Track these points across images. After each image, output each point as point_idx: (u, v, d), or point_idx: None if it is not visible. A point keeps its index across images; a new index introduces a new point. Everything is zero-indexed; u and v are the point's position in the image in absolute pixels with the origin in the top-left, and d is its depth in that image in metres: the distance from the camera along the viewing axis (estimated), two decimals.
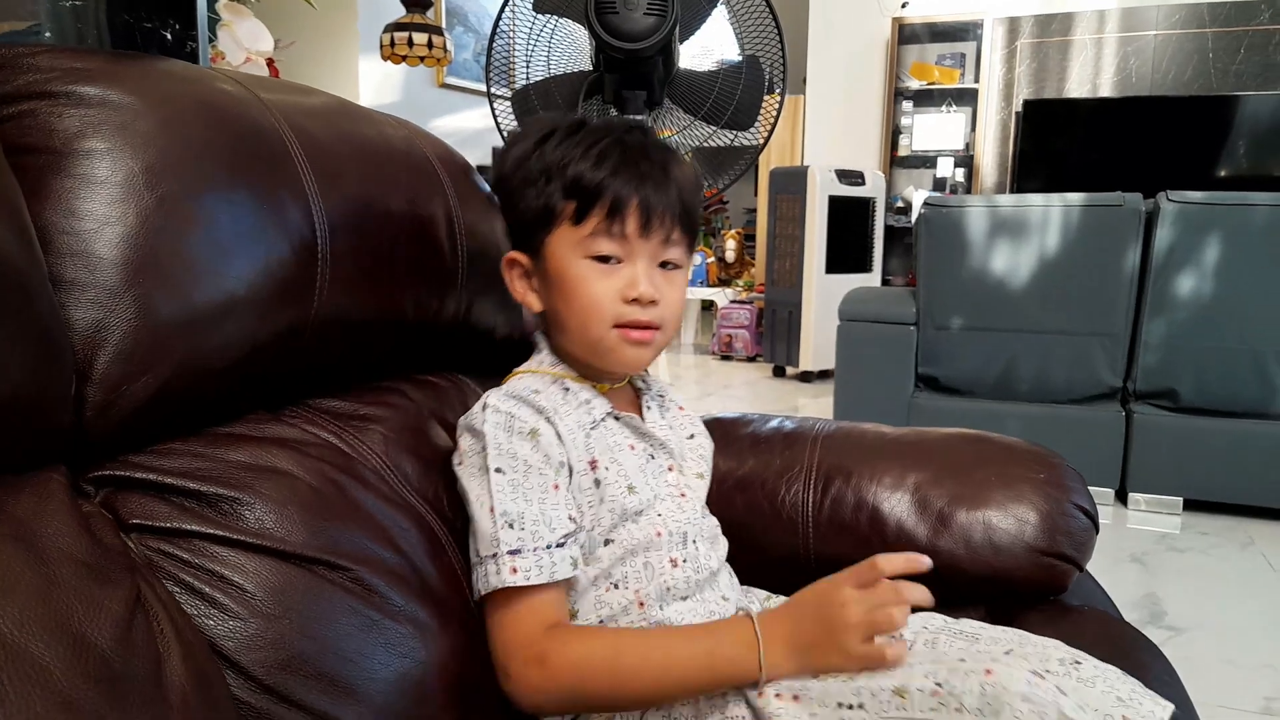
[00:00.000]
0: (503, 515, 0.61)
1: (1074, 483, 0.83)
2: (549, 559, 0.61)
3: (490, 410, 0.65)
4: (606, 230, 0.65)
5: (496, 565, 0.60)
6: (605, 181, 0.64)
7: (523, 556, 0.60)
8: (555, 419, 0.66)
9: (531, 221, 0.68)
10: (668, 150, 0.69)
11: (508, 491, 0.62)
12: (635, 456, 0.70)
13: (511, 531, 0.61)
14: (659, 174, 0.66)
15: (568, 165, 0.66)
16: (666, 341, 0.71)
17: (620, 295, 0.66)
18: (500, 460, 0.63)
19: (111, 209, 0.51)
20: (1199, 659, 1.53)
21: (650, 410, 0.76)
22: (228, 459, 0.55)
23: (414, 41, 3.33)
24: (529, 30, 2.05)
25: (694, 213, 0.70)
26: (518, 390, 0.67)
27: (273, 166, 0.61)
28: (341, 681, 0.52)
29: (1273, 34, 4.18)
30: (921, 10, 4.77)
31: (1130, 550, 2.05)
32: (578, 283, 0.66)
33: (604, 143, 0.66)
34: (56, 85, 0.52)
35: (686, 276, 0.72)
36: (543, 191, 0.67)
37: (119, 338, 0.50)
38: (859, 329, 2.60)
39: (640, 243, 0.66)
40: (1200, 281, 2.22)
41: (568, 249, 0.67)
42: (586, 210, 0.65)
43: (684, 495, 0.72)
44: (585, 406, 0.69)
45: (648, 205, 0.65)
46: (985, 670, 0.51)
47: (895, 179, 4.92)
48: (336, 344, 0.68)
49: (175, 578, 0.49)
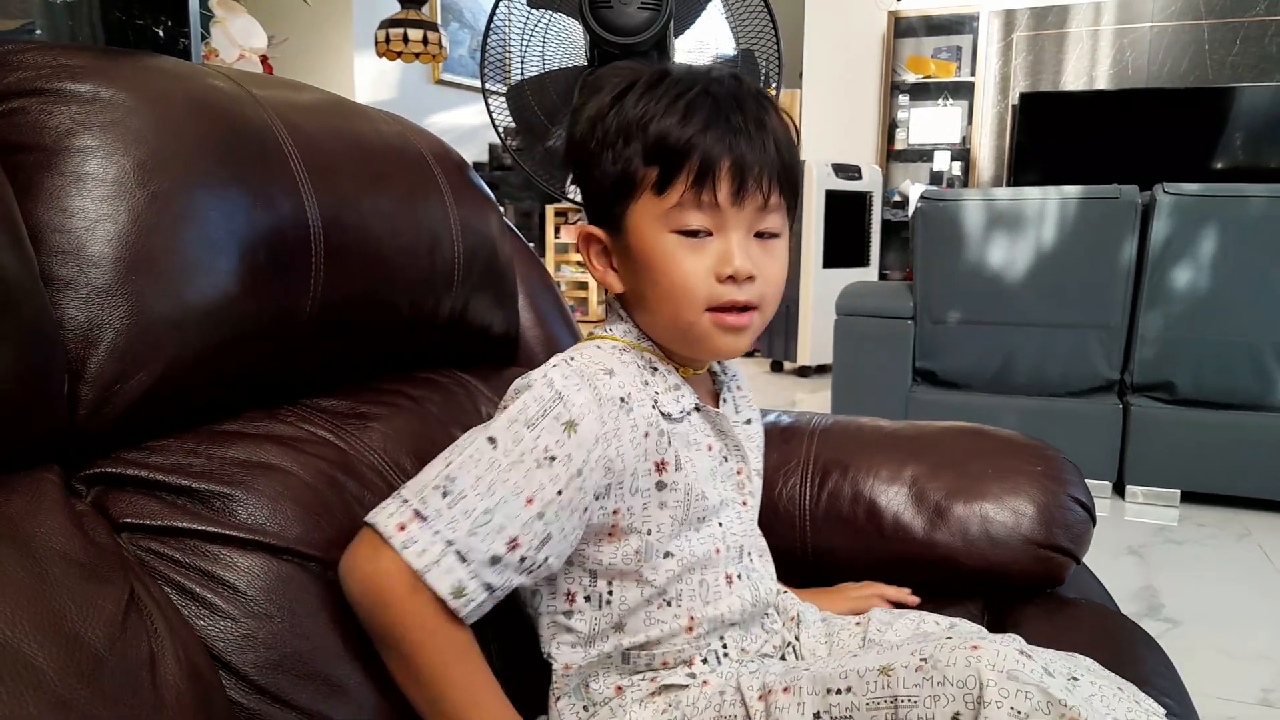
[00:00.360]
0: (448, 479, 0.53)
1: (1070, 475, 0.83)
2: (437, 554, 0.52)
3: (543, 382, 0.57)
4: (695, 200, 0.57)
5: (400, 510, 0.53)
6: (693, 140, 0.56)
7: (421, 528, 0.52)
8: (622, 416, 0.58)
9: (609, 191, 0.60)
10: (763, 98, 0.61)
11: (477, 466, 0.54)
12: (710, 458, 0.64)
13: (438, 498, 0.53)
14: (754, 127, 0.58)
15: (649, 123, 0.57)
16: (765, 323, 0.63)
17: (713, 273, 0.58)
18: (504, 433, 0.55)
19: (103, 207, 0.50)
20: (1196, 651, 1.53)
21: (726, 404, 0.70)
22: (221, 455, 0.55)
23: (409, 38, 3.32)
24: (523, 25, 2.05)
25: (795, 172, 0.61)
26: (590, 366, 0.59)
27: (266, 163, 0.61)
28: (334, 680, 0.52)
29: (1269, 25, 4.18)
30: (917, 3, 4.76)
31: (1128, 542, 2.05)
32: (664, 262, 0.58)
33: (690, 94, 0.58)
34: (47, 82, 0.52)
35: (786, 246, 0.63)
36: (620, 155, 0.59)
37: (112, 336, 0.49)
38: (856, 323, 2.60)
39: (733, 211, 0.58)
40: (1197, 274, 2.22)
41: (651, 222, 0.59)
42: (671, 177, 0.57)
43: (746, 504, 0.68)
44: (675, 393, 0.62)
45: (741, 166, 0.57)
46: (971, 645, 0.50)
47: (892, 173, 4.91)
48: (332, 341, 0.68)
49: (168, 577, 0.49)
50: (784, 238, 0.63)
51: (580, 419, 0.56)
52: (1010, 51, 4.59)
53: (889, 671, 0.51)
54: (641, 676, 0.63)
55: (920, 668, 0.50)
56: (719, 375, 0.71)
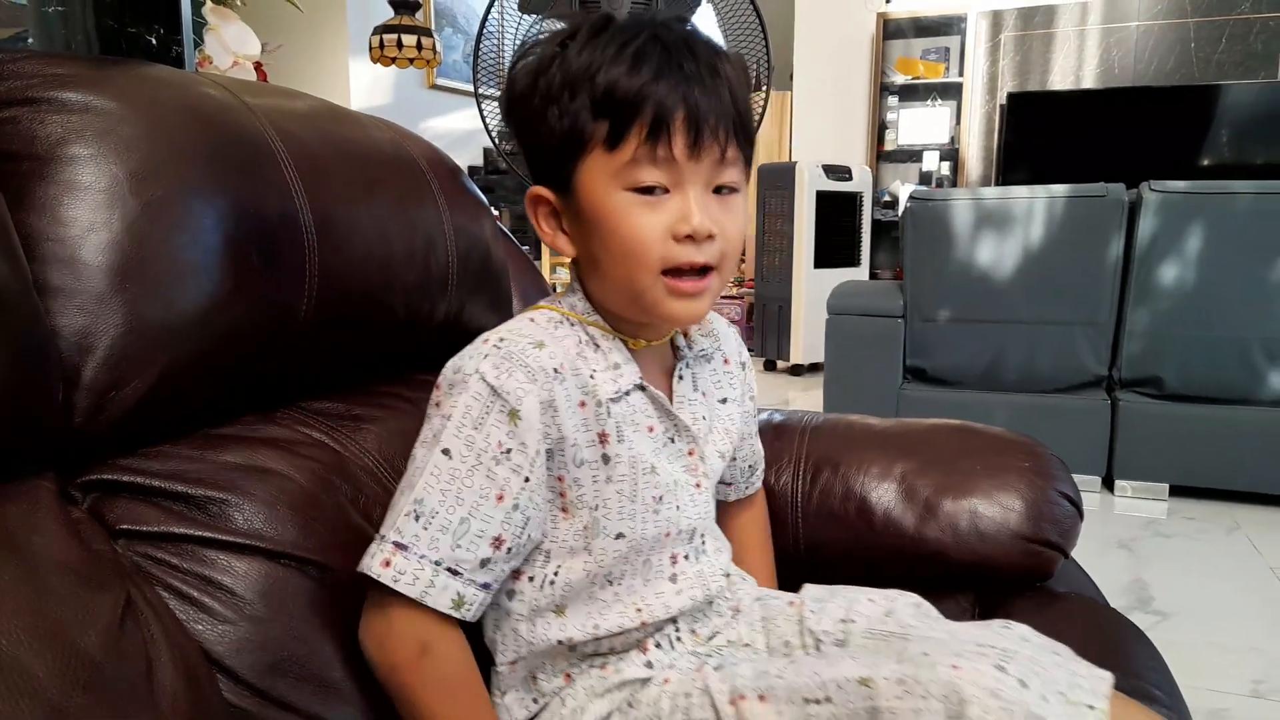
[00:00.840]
0: (416, 502, 0.53)
1: (1058, 471, 0.84)
2: (429, 577, 0.52)
3: (475, 379, 0.55)
4: (650, 154, 0.54)
5: (381, 549, 0.53)
6: (644, 90, 0.52)
7: (405, 556, 0.52)
8: (556, 385, 0.56)
9: (556, 149, 0.56)
10: (715, 46, 0.57)
11: (439, 481, 0.53)
12: (652, 440, 0.61)
13: (413, 524, 0.53)
14: (708, 74, 0.54)
15: (596, 74, 0.53)
16: (724, 285, 0.59)
17: (670, 232, 0.55)
18: (455, 441, 0.54)
19: (96, 215, 0.51)
20: (1187, 643, 1.54)
21: (682, 380, 0.66)
22: (217, 460, 0.56)
23: (403, 43, 3.33)
24: (515, 30, 2.05)
25: (749, 121, 0.58)
26: (519, 343, 0.56)
27: (258, 170, 0.61)
28: (331, 683, 0.52)
29: (1253, 23, 4.21)
30: (906, 5, 4.78)
31: (1117, 536, 2.07)
32: (617, 221, 0.55)
33: (638, 41, 0.54)
34: (38, 91, 0.52)
35: (744, 201, 0.59)
36: (567, 110, 0.54)
37: (106, 343, 0.50)
38: (848, 322, 2.61)
39: (690, 165, 0.54)
40: (1183, 270, 2.23)
41: (603, 180, 0.55)
42: (623, 131, 0.53)
43: (699, 485, 0.65)
44: (613, 372, 0.59)
45: (697, 116, 0.53)
46: (951, 665, 0.49)
47: (882, 173, 4.93)
48: (327, 346, 0.68)
49: (164, 582, 0.49)
50: (742, 192, 0.59)
51: (520, 403, 0.54)
52: (998, 52, 4.61)
53: (869, 683, 0.51)
54: (591, 664, 0.61)
55: (902, 681, 0.50)
56: (682, 349, 0.67)
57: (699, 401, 0.67)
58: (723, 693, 0.56)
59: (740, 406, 0.72)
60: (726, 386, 0.71)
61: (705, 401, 0.68)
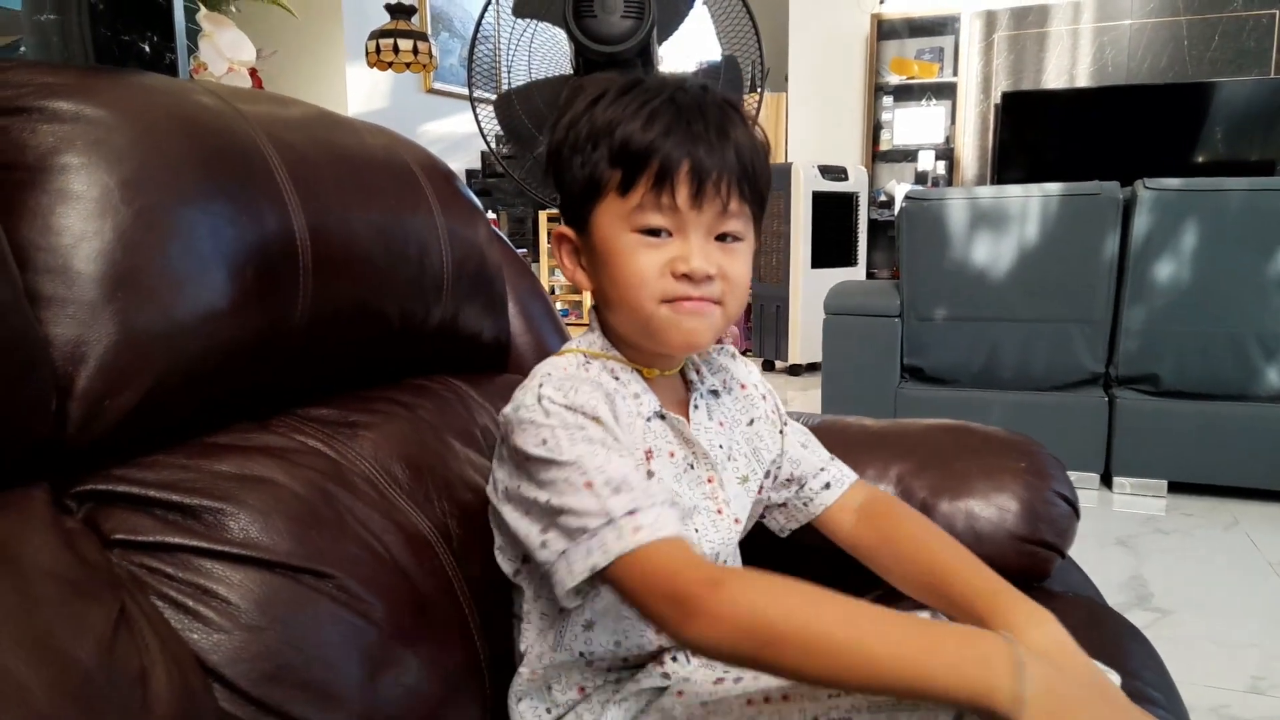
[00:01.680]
0: (606, 484, 0.54)
1: (1054, 470, 0.84)
2: (667, 514, 0.54)
3: (547, 401, 0.58)
4: (655, 201, 0.59)
5: (617, 531, 0.53)
6: (654, 144, 0.58)
7: (643, 513, 0.53)
8: (614, 399, 0.61)
9: (579, 193, 0.62)
10: (728, 108, 0.62)
11: (600, 462, 0.55)
12: (673, 465, 0.65)
13: (620, 496, 0.54)
14: (714, 134, 0.59)
15: (615, 128, 0.59)
16: (730, 320, 0.64)
17: (669, 269, 0.60)
18: (577, 444, 0.56)
19: (88, 224, 0.51)
20: (1186, 639, 1.54)
21: (698, 410, 0.69)
22: (212, 469, 0.55)
23: (399, 48, 3.33)
24: (509, 35, 2.06)
25: (758, 179, 0.62)
26: (571, 374, 0.62)
27: (251, 177, 0.61)
28: (328, 690, 0.52)
29: (1246, 20, 4.23)
30: (899, 6, 4.79)
31: (1116, 533, 2.07)
32: (625, 258, 0.60)
33: (656, 102, 0.60)
34: (29, 100, 0.52)
35: (750, 249, 0.64)
36: (589, 159, 0.61)
37: (99, 352, 0.50)
38: (844, 322, 2.61)
39: (692, 214, 0.59)
40: (1179, 267, 2.24)
41: (614, 222, 0.61)
42: (634, 179, 0.59)
43: (720, 511, 0.67)
44: (635, 401, 0.64)
45: (700, 170, 0.58)
46: None
47: (878, 173, 4.94)
48: (322, 353, 0.68)
49: (159, 592, 0.49)
50: (748, 242, 0.63)
51: (597, 410, 0.58)
52: (991, 51, 4.62)
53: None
54: (606, 677, 0.64)
55: None
56: (695, 383, 0.70)
57: (715, 430, 0.70)
58: (741, 697, 0.57)
59: (767, 427, 0.74)
60: (750, 408, 0.73)
61: (723, 431, 0.70)
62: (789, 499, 0.74)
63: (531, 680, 0.64)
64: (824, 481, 0.74)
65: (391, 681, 0.56)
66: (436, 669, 0.61)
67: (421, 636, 0.60)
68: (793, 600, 0.51)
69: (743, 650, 0.50)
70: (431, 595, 0.63)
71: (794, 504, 0.74)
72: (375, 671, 0.55)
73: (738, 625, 0.49)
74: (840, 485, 0.74)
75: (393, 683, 0.56)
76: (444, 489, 0.69)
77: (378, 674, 0.55)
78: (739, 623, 0.50)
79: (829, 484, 0.74)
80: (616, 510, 0.53)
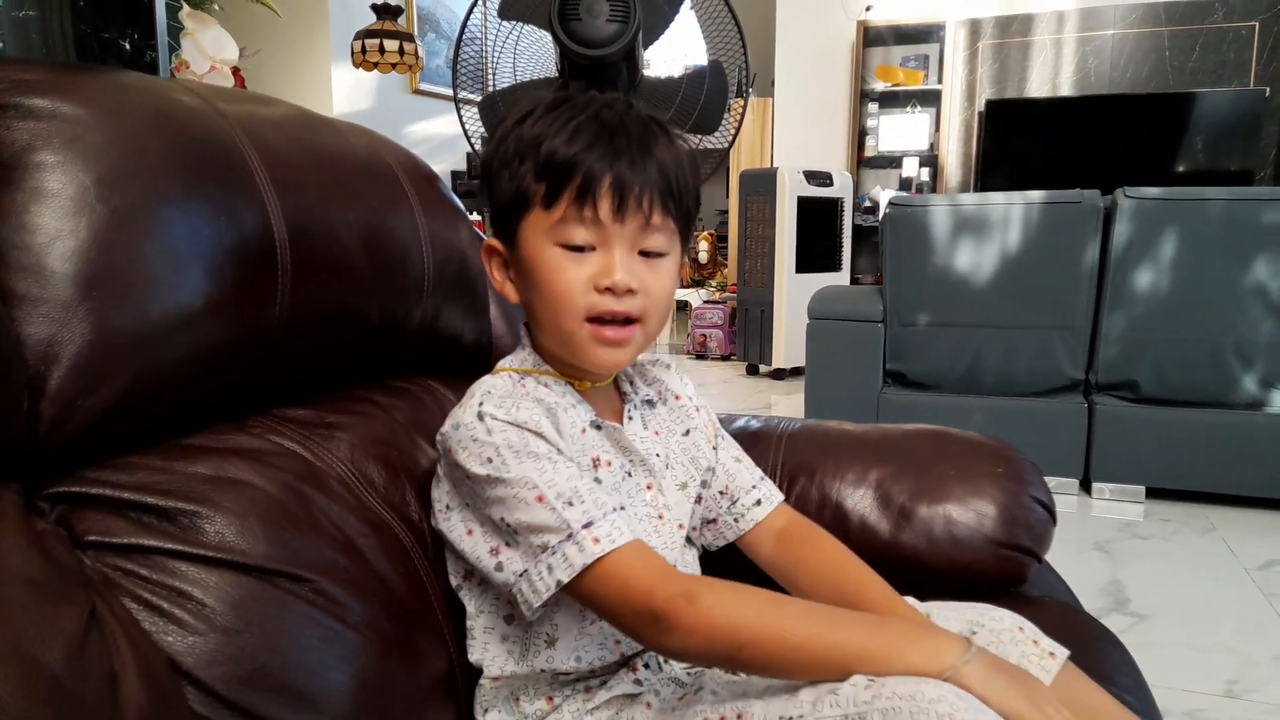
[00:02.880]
0: (558, 498, 0.56)
1: (1031, 476, 0.85)
2: (622, 520, 0.57)
3: (489, 418, 0.59)
4: (578, 215, 0.60)
5: (578, 544, 0.55)
6: (577, 158, 0.59)
7: (598, 525, 0.56)
8: (555, 413, 0.62)
9: (506, 206, 0.64)
10: (651, 125, 0.64)
11: (549, 476, 0.57)
12: (612, 474, 0.66)
13: (574, 509, 0.56)
14: (636, 150, 0.61)
15: (541, 143, 0.61)
16: (650, 337, 0.65)
17: (592, 284, 0.61)
18: (523, 460, 0.58)
19: (63, 223, 0.50)
20: (1162, 644, 1.56)
21: (632, 420, 0.71)
22: (187, 471, 0.55)
23: (385, 48, 3.32)
24: (495, 37, 2.05)
25: (682, 194, 0.63)
26: (509, 391, 0.63)
27: (229, 177, 0.60)
28: (304, 694, 0.52)
29: (1227, 31, 4.29)
30: (885, 13, 4.82)
31: (1094, 539, 2.09)
32: (547, 271, 0.62)
33: (580, 118, 0.61)
34: (5, 97, 0.51)
35: (675, 265, 0.65)
36: (516, 173, 0.62)
37: (73, 352, 0.49)
38: (828, 327, 2.62)
39: (615, 227, 0.61)
40: (1158, 275, 2.27)
41: (539, 235, 0.62)
42: (557, 193, 0.60)
43: (661, 517, 0.69)
44: (571, 411, 0.65)
45: (621, 185, 0.60)
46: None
47: (862, 179, 4.97)
48: (300, 354, 0.68)
49: (133, 594, 0.49)
50: (672, 256, 0.65)
51: (540, 426, 0.60)
52: (976, 60, 4.66)
53: (837, 691, 0.50)
54: (575, 688, 0.64)
55: (869, 686, 0.49)
56: (629, 393, 0.72)
57: (651, 439, 0.72)
58: (700, 715, 0.57)
59: (702, 437, 0.75)
60: (685, 419, 0.75)
61: (659, 440, 0.72)
62: (720, 514, 0.75)
63: (496, 689, 0.64)
64: (755, 498, 0.75)
65: (368, 687, 0.56)
66: (412, 675, 0.60)
67: (398, 642, 0.60)
68: (758, 607, 0.54)
69: (718, 655, 0.54)
70: (407, 601, 0.63)
71: (724, 519, 0.75)
72: (352, 676, 0.55)
73: (712, 636, 0.53)
74: (770, 503, 0.75)
75: (370, 688, 0.56)
76: (419, 493, 0.69)
77: (355, 679, 0.55)
78: (713, 634, 0.53)
79: (759, 501, 0.75)
80: (574, 523, 0.56)
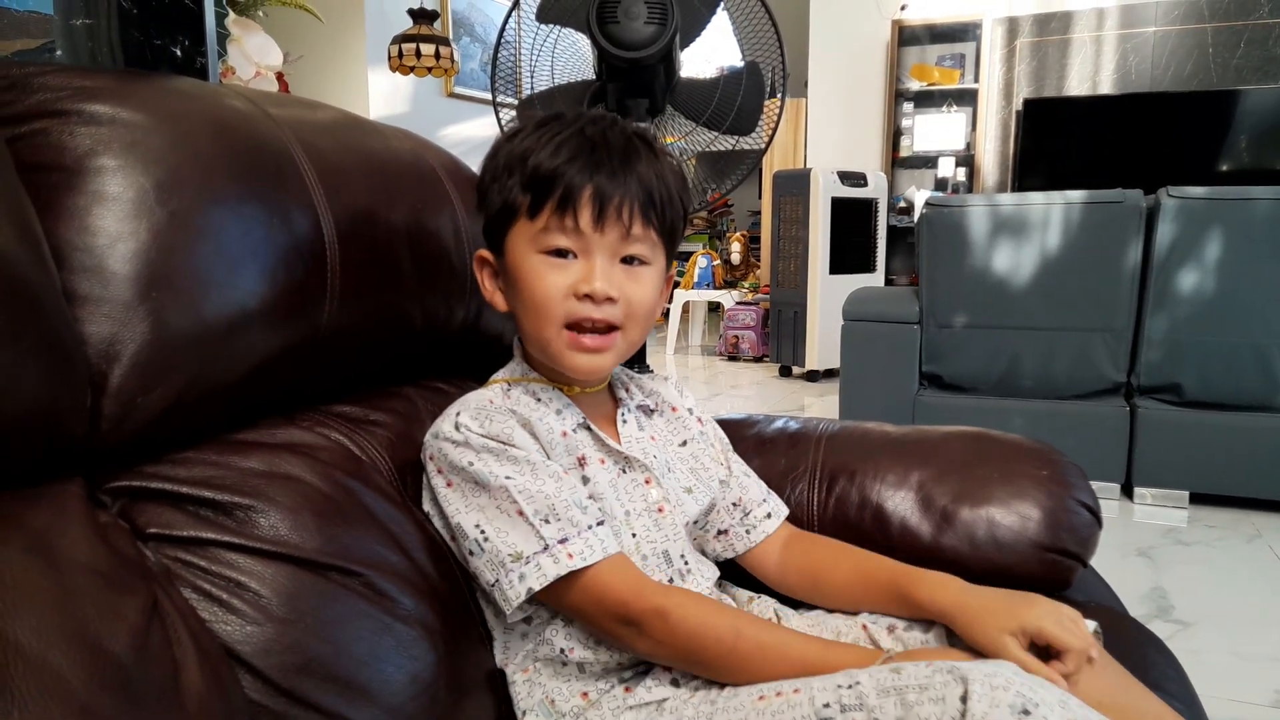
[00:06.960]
0: (535, 513, 0.59)
1: (1076, 479, 0.83)
2: (596, 538, 0.60)
3: (464, 430, 0.63)
4: (560, 224, 0.63)
5: (553, 556, 0.58)
6: (559, 170, 0.62)
7: (572, 542, 0.59)
8: (532, 423, 0.65)
9: (496, 217, 0.67)
10: (634, 139, 0.66)
11: (526, 490, 0.60)
12: (605, 471, 0.68)
13: (550, 526, 0.59)
14: (618, 163, 0.63)
15: (528, 157, 0.64)
16: (633, 345, 0.67)
17: (572, 290, 0.63)
18: (501, 467, 0.61)
19: (123, 225, 0.52)
20: (1208, 652, 1.52)
21: (626, 423, 0.73)
22: (241, 466, 0.56)
23: (421, 52, 3.36)
24: (533, 40, 2.07)
25: (665, 207, 0.66)
26: (486, 403, 0.65)
27: (281, 181, 0.62)
28: (356, 684, 0.53)
29: (1272, 28, 4.18)
30: (921, 12, 4.77)
31: (1137, 544, 2.05)
32: (530, 278, 0.64)
33: (565, 133, 0.64)
34: (67, 104, 0.53)
35: (658, 274, 0.68)
36: (505, 186, 0.66)
37: (133, 351, 0.51)
38: (863, 328, 2.60)
39: (596, 236, 0.63)
40: (1202, 276, 2.21)
41: (524, 244, 0.65)
42: (540, 203, 0.63)
43: (661, 510, 0.70)
44: (558, 416, 0.68)
45: (601, 195, 0.62)
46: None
47: (897, 179, 4.92)
48: (347, 353, 0.69)
49: (192, 585, 0.50)
50: (655, 267, 0.67)
51: (512, 437, 0.63)
52: (1013, 58, 4.59)
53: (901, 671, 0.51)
54: (609, 682, 0.64)
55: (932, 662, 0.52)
56: (624, 399, 0.75)
57: (648, 442, 0.74)
58: (753, 692, 0.58)
59: (704, 448, 0.77)
60: (682, 430, 0.78)
61: (655, 444, 0.74)
62: (732, 525, 0.78)
63: (529, 687, 0.65)
64: (766, 511, 0.79)
65: (417, 679, 0.57)
66: (457, 672, 0.61)
67: (444, 638, 0.61)
68: (720, 623, 0.59)
69: (682, 662, 0.61)
70: (448, 596, 0.64)
71: (736, 530, 0.78)
72: (401, 668, 0.56)
73: (677, 647, 0.60)
74: (779, 516, 0.79)
75: (418, 681, 0.57)
76: None
77: (404, 670, 0.56)
78: (677, 645, 0.59)
79: (770, 514, 0.79)
80: (550, 538, 0.59)
